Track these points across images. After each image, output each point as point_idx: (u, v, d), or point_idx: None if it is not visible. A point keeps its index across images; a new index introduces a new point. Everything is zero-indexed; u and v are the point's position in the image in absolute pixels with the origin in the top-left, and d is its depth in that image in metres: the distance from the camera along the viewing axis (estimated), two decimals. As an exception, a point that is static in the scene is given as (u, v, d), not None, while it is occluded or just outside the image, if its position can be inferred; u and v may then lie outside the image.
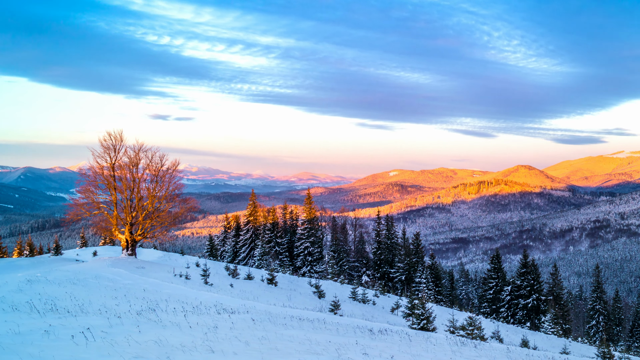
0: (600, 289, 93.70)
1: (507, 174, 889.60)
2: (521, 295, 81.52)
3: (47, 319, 15.93)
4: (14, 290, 22.53)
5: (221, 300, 26.59)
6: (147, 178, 53.08)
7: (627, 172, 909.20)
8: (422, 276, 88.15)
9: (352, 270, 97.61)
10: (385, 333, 22.82)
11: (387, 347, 18.64)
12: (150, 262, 49.62)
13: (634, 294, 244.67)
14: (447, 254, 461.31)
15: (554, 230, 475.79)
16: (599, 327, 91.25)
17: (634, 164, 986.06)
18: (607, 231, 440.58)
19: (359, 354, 15.90)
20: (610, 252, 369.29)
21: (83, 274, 31.77)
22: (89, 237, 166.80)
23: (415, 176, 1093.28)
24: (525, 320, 79.75)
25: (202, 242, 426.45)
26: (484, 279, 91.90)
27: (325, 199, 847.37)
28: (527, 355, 23.33)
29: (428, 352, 19.09)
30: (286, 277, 61.56)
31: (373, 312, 45.79)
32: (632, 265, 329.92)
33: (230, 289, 39.92)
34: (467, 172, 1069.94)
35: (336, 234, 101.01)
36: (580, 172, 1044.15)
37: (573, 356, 30.62)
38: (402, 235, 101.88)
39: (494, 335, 39.55)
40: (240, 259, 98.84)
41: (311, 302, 42.62)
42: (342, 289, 59.58)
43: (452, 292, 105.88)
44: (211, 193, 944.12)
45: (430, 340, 22.89)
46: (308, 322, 22.51)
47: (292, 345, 15.86)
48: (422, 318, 29.16)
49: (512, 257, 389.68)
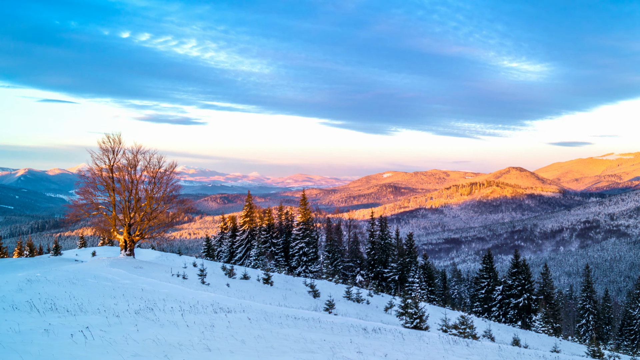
0: (590, 288, 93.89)
1: (498, 175, 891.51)
2: (512, 294, 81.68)
3: (47, 318, 15.93)
4: (14, 290, 22.52)
5: (218, 300, 26.60)
6: (145, 180, 53.09)
7: (616, 174, 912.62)
8: (415, 276, 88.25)
9: (346, 270, 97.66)
10: (379, 332, 22.85)
11: (381, 345, 18.67)
12: (148, 262, 49.60)
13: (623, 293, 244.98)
14: (440, 254, 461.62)
15: (544, 231, 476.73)
16: (588, 326, 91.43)
17: (623, 166, 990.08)
18: (596, 232, 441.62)
19: (353, 353, 15.92)
20: (600, 253, 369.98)
21: (82, 273, 31.74)
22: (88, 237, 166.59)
23: (408, 178, 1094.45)
24: (516, 319, 79.88)
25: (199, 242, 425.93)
26: (476, 278, 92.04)
27: (320, 200, 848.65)
28: (519, 354, 23.37)
29: (421, 350, 19.11)
30: (282, 277, 61.58)
31: (367, 311, 45.79)
32: (622, 265, 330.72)
33: (227, 289, 39.90)
34: (460, 174, 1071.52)
35: (331, 235, 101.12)
36: (570, 174, 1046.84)
37: (563, 354, 30.67)
38: (396, 235, 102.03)
39: (486, 334, 39.59)
40: (237, 259, 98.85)
41: (306, 301, 42.61)
42: (337, 288, 59.58)
43: (444, 291, 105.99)
44: (208, 194, 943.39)
45: (423, 338, 22.92)
46: (303, 321, 22.53)
47: (287, 343, 15.88)
48: (415, 317, 29.18)
49: (503, 257, 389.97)
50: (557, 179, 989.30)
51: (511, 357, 21.58)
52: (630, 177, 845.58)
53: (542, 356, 24.64)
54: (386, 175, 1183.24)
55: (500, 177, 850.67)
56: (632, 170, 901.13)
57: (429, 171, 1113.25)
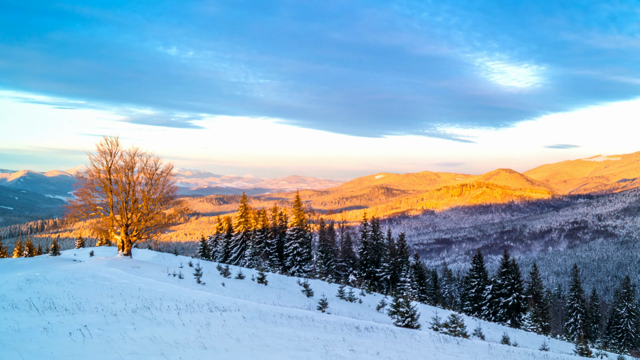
0: (578, 287, 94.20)
1: (488, 177, 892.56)
2: (502, 293, 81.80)
3: (46, 316, 15.92)
4: (14, 289, 22.48)
5: (213, 299, 26.60)
6: (142, 181, 53.03)
7: (604, 175, 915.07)
8: (407, 275, 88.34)
9: (339, 270, 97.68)
10: (371, 330, 22.89)
11: (373, 343, 18.71)
12: (145, 262, 49.53)
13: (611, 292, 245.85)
14: (431, 254, 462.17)
15: (533, 232, 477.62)
16: (577, 324, 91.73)
17: (610, 168, 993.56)
18: (584, 232, 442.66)
19: (346, 351, 15.96)
20: (588, 253, 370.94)
21: (80, 273, 31.71)
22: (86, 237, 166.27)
23: (400, 179, 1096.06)
24: (506, 318, 80.00)
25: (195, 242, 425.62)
26: (466, 278, 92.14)
27: (313, 201, 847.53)
28: (508, 352, 23.45)
29: (412, 348, 19.16)
30: (276, 277, 61.57)
31: (360, 310, 45.81)
32: (609, 265, 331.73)
33: (222, 288, 39.88)
34: (450, 176, 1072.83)
35: (324, 235, 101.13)
36: (559, 176, 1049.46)
37: (552, 352, 30.75)
38: (388, 236, 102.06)
39: (476, 332, 39.67)
40: (232, 259, 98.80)
41: (300, 300, 42.61)
42: (330, 287, 59.59)
43: (435, 290, 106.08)
44: (204, 196, 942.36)
45: (415, 337, 22.97)
46: (297, 320, 22.56)
47: (281, 342, 15.91)
48: (406, 316, 29.21)
49: (493, 257, 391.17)
50: (546, 181, 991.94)
51: (501, 355, 21.65)
52: (618, 178, 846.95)
53: (531, 354, 24.72)
54: (378, 177, 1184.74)
55: (490, 179, 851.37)
56: (619, 172, 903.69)
57: (420, 173, 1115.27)
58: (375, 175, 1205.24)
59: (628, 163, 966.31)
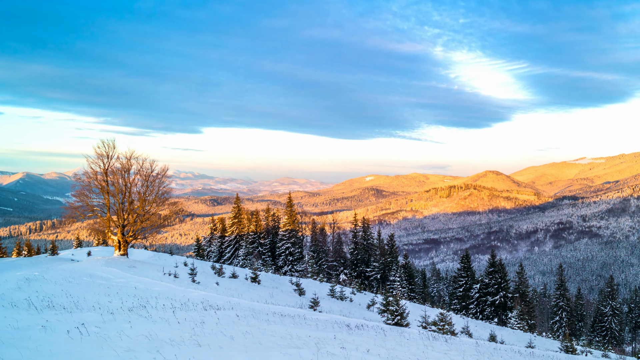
0: (563, 286, 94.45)
1: (476, 179, 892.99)
2: (489, 292, 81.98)
3: (44, 315, 15.92)
4: (13, 288, 22.43)
5: (208, 298, 26.59)
6: (137, 183, 52.96)
7: (588, 177, 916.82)
8: (397, 275, 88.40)
9: (330, 269, 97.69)
10: (361, 328, 22.94)
11: (364, 341, 18.77)
12: (141, 262, 49.45)
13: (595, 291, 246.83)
14: (420, 254, 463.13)
15: (520, 232, 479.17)
16: (562, 322, 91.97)
17: (594, 170, 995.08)
18: (569, 233, 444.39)
19: (337, 348, 16.01)
20: (573, 252, 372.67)
21: (78, 272, 31.65)
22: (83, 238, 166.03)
23: (389, 181, 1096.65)
24: (493, 316, 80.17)
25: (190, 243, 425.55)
26: (455, 277, 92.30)
27: (305, 202, 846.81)
28: (495, 349, 23.55)
29: (402, 346, 19.23)
30: (269, 276, 61.59)
31: (350, 308, 45.87)
32: (593, 265, 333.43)
33: (216, 287, 39.88)
34: (439, 177, 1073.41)
35: (315, 235, 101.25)
36: (544, 177, 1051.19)
37: (538, 350, 30.88)
38: (378, 236, 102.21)
39: (464, 330, 39.80)
40: (226, 258, 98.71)
41: (292, 299, 42.64)
42: (321, 286, 59.61)
43: (424, 289, 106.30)
44: (198, 197, 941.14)
45: (404, 335, 23.04)
46: (289, 318, 22.59)
47: (274, 339, 15.95)
48: (396, 314, 29.27)
49: (480, 257, 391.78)
50: (532, 182, 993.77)
51: (488, 353, 21.75)
52: (602, 180, 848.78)
53: (518, 351, 24.84)
54: (368, 179, 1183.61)
55: (478, 181, 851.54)
56: (604, 174, 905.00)
57: (409, 175, 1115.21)
58: (366, 177, 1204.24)
59: (612, 165, 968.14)
